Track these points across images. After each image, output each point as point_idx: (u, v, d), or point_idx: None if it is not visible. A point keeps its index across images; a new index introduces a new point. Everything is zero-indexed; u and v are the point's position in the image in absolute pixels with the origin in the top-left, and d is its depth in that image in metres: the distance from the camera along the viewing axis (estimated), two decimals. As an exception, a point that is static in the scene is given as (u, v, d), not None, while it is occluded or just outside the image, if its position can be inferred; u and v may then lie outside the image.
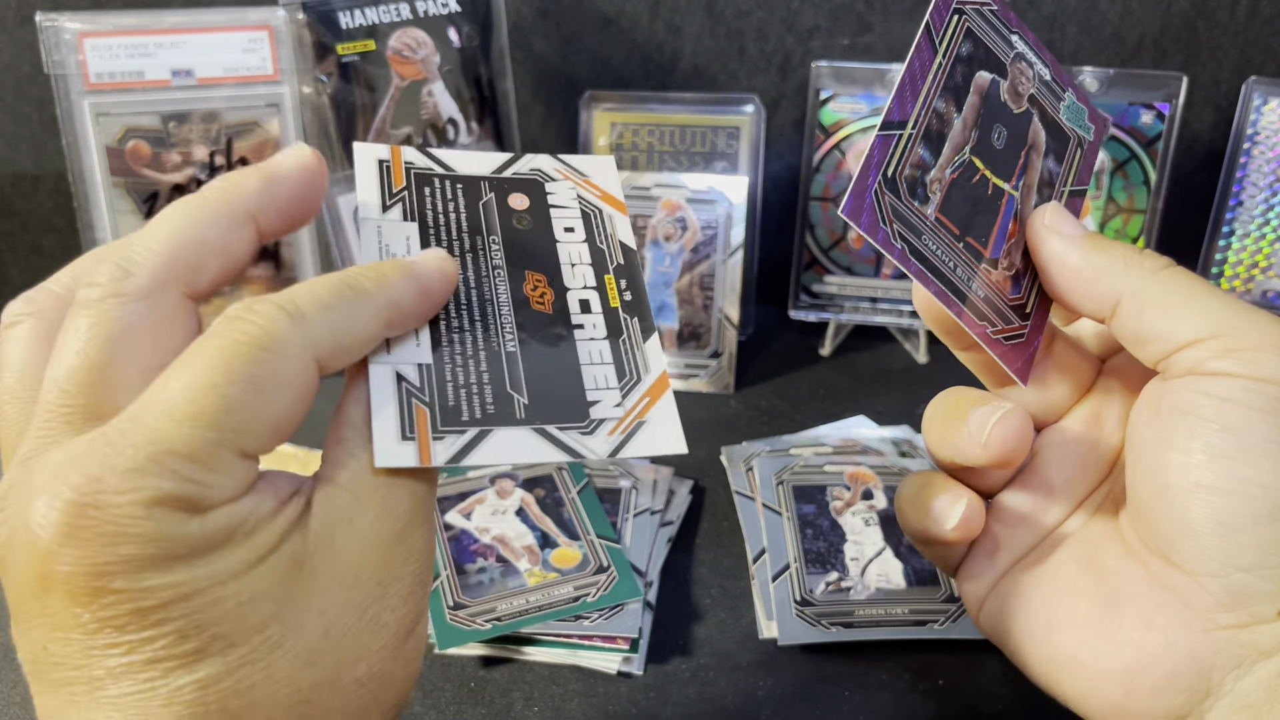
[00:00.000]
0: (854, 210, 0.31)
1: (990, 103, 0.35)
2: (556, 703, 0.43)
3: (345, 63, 0.64)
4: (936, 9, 0.34)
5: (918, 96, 0.33)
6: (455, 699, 0.43)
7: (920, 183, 0.33)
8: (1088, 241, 0.33)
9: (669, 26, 0.72)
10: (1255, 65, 0.74)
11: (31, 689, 0.26)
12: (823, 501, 0.52)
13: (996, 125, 0.35)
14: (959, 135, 0.34)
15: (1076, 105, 0.38)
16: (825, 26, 0.72)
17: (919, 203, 0.32)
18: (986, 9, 0.36)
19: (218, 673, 0.23)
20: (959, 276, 0.33)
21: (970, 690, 0.43)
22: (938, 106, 0.33)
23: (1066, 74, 0.38)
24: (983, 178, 0.34)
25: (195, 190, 0.29)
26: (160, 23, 0.62)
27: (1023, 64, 0.36)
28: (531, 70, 0.73)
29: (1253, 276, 0.73)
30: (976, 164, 0.34)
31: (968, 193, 0.34)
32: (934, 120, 0.33)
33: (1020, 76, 0.36)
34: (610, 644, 0.45)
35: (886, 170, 0.32)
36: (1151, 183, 0.70)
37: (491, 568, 0.49)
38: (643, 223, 0.68)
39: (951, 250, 0.33)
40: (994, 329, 0.34)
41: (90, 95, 0.61)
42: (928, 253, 0.32)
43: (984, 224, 0.34)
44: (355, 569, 0.25)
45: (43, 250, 0.76)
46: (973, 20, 0.35)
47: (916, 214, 0.32)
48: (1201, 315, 0.31)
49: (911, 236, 0.32)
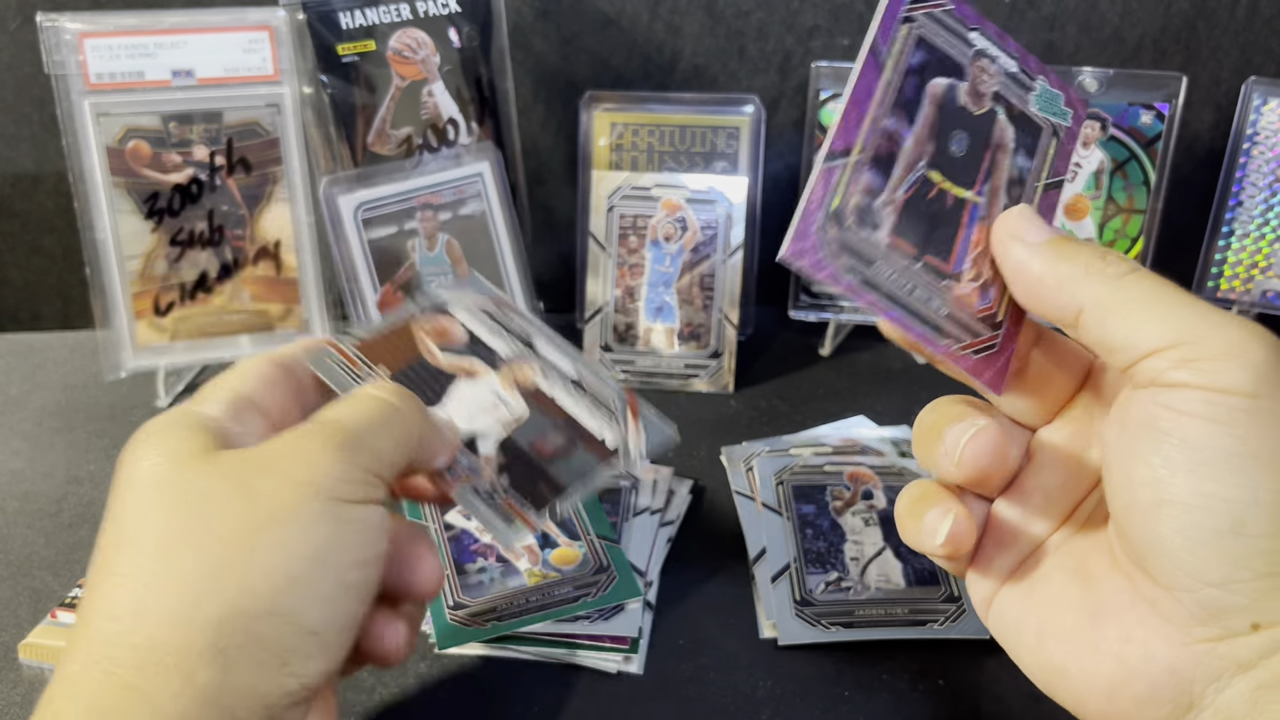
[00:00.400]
0: (797, 252, 0.31)
1: (947, 109, 0.34)
2: (556, 703, 0.43)
3: (345, 63, 0.64)
4: (882, 24, 0.33)
5: (864, 120, 0.32)
6: (455, 698, 0.43)
7: (870, 209, 0.32)
8: (1050, 248, 0.32)
9: (669, 27, 0.72)
10: (1255, 65, 0.74)
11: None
12: (823, 501, 0.52)
13: (956, 132, 0.34)
14: (912, 152, 0.33)
15: (1050, 92, 0.36)
16: (825, 26, 0.73)
17: (870, 230, 0.32)
18: (941, 10, 0.34)
19: None
20: (917, 298, 0.33)
21: (970, 690, 0.43)
22: (887, 126, 0.32)
23: (1038, 61, 0.36)
24: (941, 191, 0.33)
25: (195, 190, 0.29)
26: (160, 23, 0.62)
27: (984, 61, 0.35)
28: (532, 70, 0.73)
29: (1252, 277, 0.73)
30: (933, 177, 0.33)
31: (924, 209, 0.33)
32: (883, 141, 0.32)
33: (981, 75, 0.35)
34: (610, 644, 0.45)
35: (831, 204, 0.31)
36: (1151, 183, 0.70)
37: (491, 568, 0.49)
38: (643, 223, 0.68)
39: (908, 273, 0.32)
40: (959, 345, 0.33)
41: (91, 95, 0.61)
42: (881, 280, 0.32)
43: (944, 238, 0.33)
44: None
45: (43, 250, 0.76)
46: (924, 26, 0.34)
47: (867, 242, 0.32)
48: (1162, 323, 0.30)
49: (862, 266, 0.32)
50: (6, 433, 0.63)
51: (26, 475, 0.59)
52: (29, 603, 0.49)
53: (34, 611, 0.48)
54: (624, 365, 0.68)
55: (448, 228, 0.64)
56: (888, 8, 0.33)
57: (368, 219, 0.62)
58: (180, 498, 0.31)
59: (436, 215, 0.64)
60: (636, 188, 0.68)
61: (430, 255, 0.64)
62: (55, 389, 0.68)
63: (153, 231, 0.64)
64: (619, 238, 0.68)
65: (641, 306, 0.68)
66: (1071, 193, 0.71)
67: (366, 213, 0.61)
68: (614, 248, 0.68)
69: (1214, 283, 0.74)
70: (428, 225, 0.64)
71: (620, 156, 0.72)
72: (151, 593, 0.29)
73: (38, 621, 0.46)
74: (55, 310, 0.78)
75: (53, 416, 0.64)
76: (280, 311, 0.67)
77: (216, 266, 0.65)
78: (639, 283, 0.68)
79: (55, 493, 0.57)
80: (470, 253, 0.65)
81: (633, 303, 0.68)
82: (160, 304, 0.65)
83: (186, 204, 0.64)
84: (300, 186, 0.66)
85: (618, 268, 0.68)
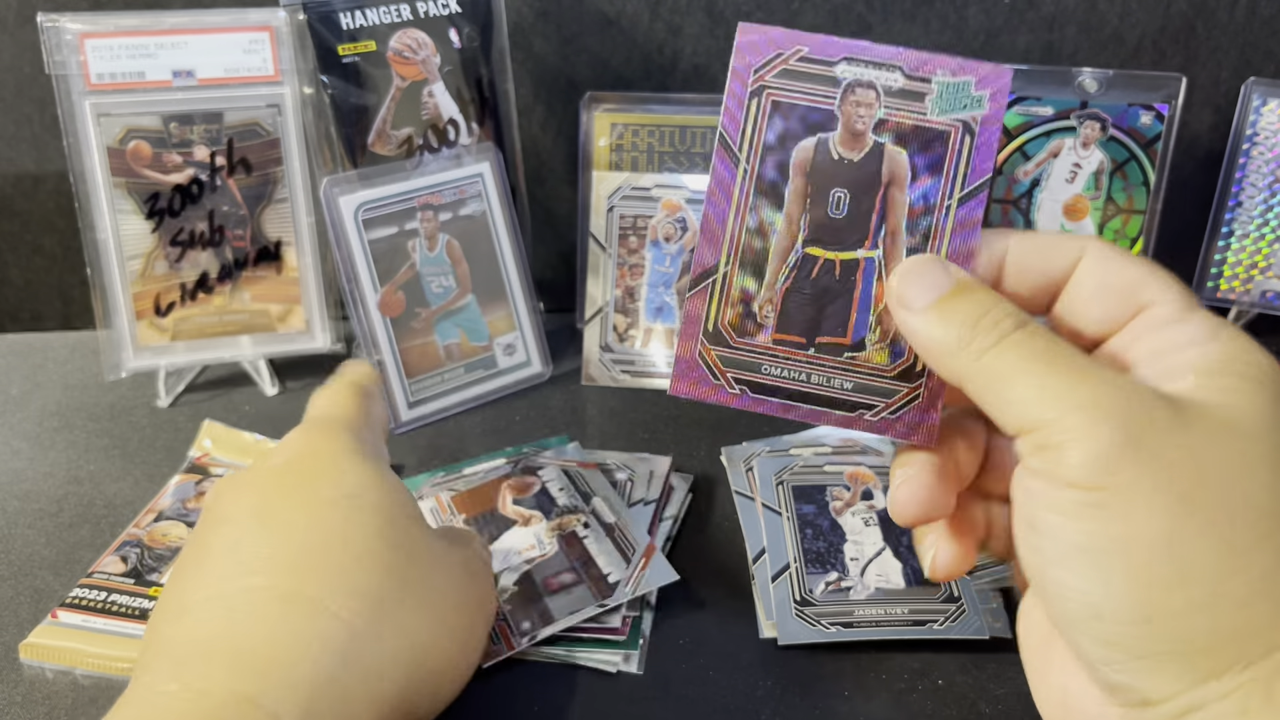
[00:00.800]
0: (681, 389, 0.32)
1: (819, 171, 0.32)
2: (556, 702, 0.43)
3: (346, 63, 0.64)
4: (727, 111, 0.31)
5: (725, 229, 0.31)
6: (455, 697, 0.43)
7: (748, 315, 0.31)
8: (934, 313, 0.30)
9: (669, 27, 0.73)
10: (1254, 66, 0.74)
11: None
12: (822, 501, 0.52)
13: (834, 192, 0.32)
14: (785, 237, 0.32)
15: (951, 84, 0.32)
16: (825, 27, 0.73)
17: (751, 337, 0.32)
18: (795, 59, 0.32)
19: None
20: (816, 384, 0.32)
21: (970, 690, 0.43)
22: (750, 223, 0.31)
23: (930, 54, 0.33)
24: (826, 263, 0.32)
25: (196, 190, 0.30)
26: (161, 23, 0.62)
27: (858, 94, 0.32)
28: (532, 71, 0.73)
29: (1251, 277, 0.73)
30: (814, 253, 0.32)
31: (809, 290, 0.32)
32: (751, 240, 0.31)
33: (856, 111, 0.32)
34: (610, 635, 0.45)
35: (706, 328, 0.31)
36: (1150, 183, 0.70)
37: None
38: (643, 223, 0.68)
39: (800, 363, 0.32)
40: (875, 411, 0.32)
41: (91, 96, 0.62)
42: (772, 380, 0.32)
43: (837, 311, 0.32)
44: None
45: (44, 250, 0.76)
46: (776, 89, 0.32)
47: (751, 349, 0.31)
48: (1024, 404, 0.28)
49: (750, 374, 0.31)
50: (7, 433, 0.63)
51: (27, 475, 0.59)
52: (29, 603, 0.49)
53: (34, 611, 0.48)
54: (624, 365, 0.68)
55: (448, 228, 0.65)
56: (731, 90, 0.32)
57: (368, 219, 0.62)
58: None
59: (437, 216, 0.64)
60: (636, 188, 0.68)
61: (431, 255, 0.64)
62: (56, 389, 0.68)
63: (153, 232, 0.64)
64: (619, 238, 0.68)
65: (641, 307, 0.68)
66: (1071, 193, 0.71)
67: (367, 213, 0.62)
68: (614, 248, 0.68)
69: (1213, 283, 0.74)
70: (428, 225, 0.64)
71: (620, 157, 0.72)
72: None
73: (38, 621, 0.46)
74: (56, 310, 0.78)
75: (53, 416, 0.65)
76: (281, 312, 0.67)
77: (217, 267, 0.65)
78: (639, 283, 0.68)
79: (56, 493, 0.57)
80: (471, 253, 0.65)
81: (633, 303, 0.68)
82: (161, 304, 0.65)
83: (187, 204, 0.64)
84: (301, 187, 0.66)
85: (618, 268, 0.68)
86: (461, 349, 0.65)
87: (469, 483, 0.54)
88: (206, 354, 0.66)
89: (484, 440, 0.61)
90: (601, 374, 0.68)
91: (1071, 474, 0.27)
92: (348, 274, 0.61)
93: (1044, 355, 0.28)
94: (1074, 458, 0.27)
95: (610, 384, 0.68)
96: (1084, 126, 0.70)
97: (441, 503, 0.52)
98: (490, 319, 0.66)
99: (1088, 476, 0.27)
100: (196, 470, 0.57)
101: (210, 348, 0.66)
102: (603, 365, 0.68)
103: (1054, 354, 0.28)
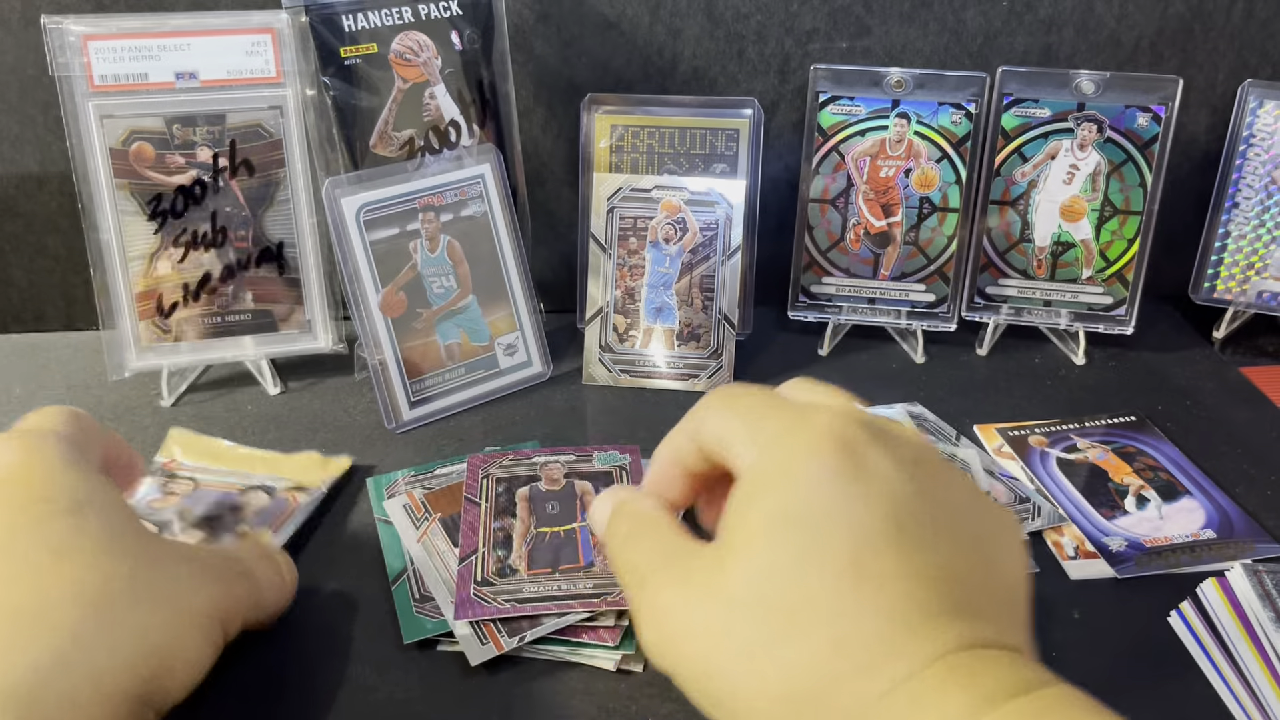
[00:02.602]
0: (463, 615, 0.45)
1: (537, 497, 0.53)
2: (556, 700, 0.43)
3: (348, 65, 0.64)
4: (467, 486, 0.54)
5: (478, 534, 0.50)
6: (455, 696, 0.44)
7: (507, 566, 0.48)
8: (609, 551, 0.38)
9: (669, 29, 0.73)
10: (1251, 68, 0.75)
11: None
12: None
13: (549, 502, 0.53)
14: (522, 527, 0.51)
15: (605, 455, 0.56)
16: (824, 30, 0.73)
17: (512, 575, 0.48)
18: (508, 459, 0.56)
19: None
20: (564, 590, 0.47)
21: (966, 687, 0.44)
22: (496, 528, 0.51)
23: (595, 440, 0.58)
24: (554, 533, 0.50)
25: (198, 192, 0.31)
26: (164, 25, 0.62)
27: (550, 465, 0.55)
28: (533, 73, 0.73)
29: (1248, 278, 0.74)
30: (544, 531, 0.50)
31: (547, 549, 0.49)
32: (499, 534, 0.50)
33: (552, 471, 0.55)
34: (610, 635, 0.45)
35: (477, 578, 0.47)
36: (1148, 185, 0.70)
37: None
38: (643, 224, 0.68)
39: (549, 581, 0.47)
40: (613, 595, 0.46)
41: (95, 97, 0.62)
42: (530, 595, 0.46)
43: (569, 554, 0.49)
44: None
45: (47, 251, 0.76)
46: (497, 472, 0.55)
47: (512, 582, 0.47)
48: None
49: (514, 594, 0.46)
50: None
51: (31, 474, 0.59)
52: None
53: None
54: (624, 365, 0.68)
55: (449, 229, 0.65)
56: (467, 478, 0.54)
57: (370, 220, 0.62)
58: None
59: (438, 217, 0.64)
60: (636, 189, 0.68)
61: (432, 256, 0.64)
62: (59, 389, 0.68)
63: (156, 233, 0.64)
64: (619, 239, 0.68)
65: (641, 307, 0.68)
66: (1068, 195, 0.71)
67: (369, 214, 0.62)
68: (614, 249, 0.68)
69: (1210, 284, 0.74)
70: (429, 227, 0.64)
71: (620, 158, 0.72)
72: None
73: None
74: (59, 311, 0.78)
75: (57, 416, 0.65)
76: (283, 312, 0.67)
77: (220, 268, 0.66)
78: (639, 284, 0.68)
79: (59, 492, 0.57)
80: (472, 254, 0.66)
81: (633, 303, 0.68)
82: (164, 305, 0.65)
83: (190, 205, 0.64)
84: (303, 188, 0.66)
85: (618, 269, 0.68)
86: (462, 349, 0.66)
87: (442, 482, 0.56)
88: (209, 354, 0.67)
89: (485, 440, 0.62)
90: (601, 374, 0.68)
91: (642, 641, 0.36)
92: (349, 275, 0.62)
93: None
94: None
95: (610, 384, 0.68)
96: (1081, 128, 0.70)
97: (415, 500, 0.54)
98: (491, 319, 0.67)
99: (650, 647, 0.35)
100: (164, 475, 0.57)
101: (213, 348, 0.67)
102: (603, 365, 0.69)
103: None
